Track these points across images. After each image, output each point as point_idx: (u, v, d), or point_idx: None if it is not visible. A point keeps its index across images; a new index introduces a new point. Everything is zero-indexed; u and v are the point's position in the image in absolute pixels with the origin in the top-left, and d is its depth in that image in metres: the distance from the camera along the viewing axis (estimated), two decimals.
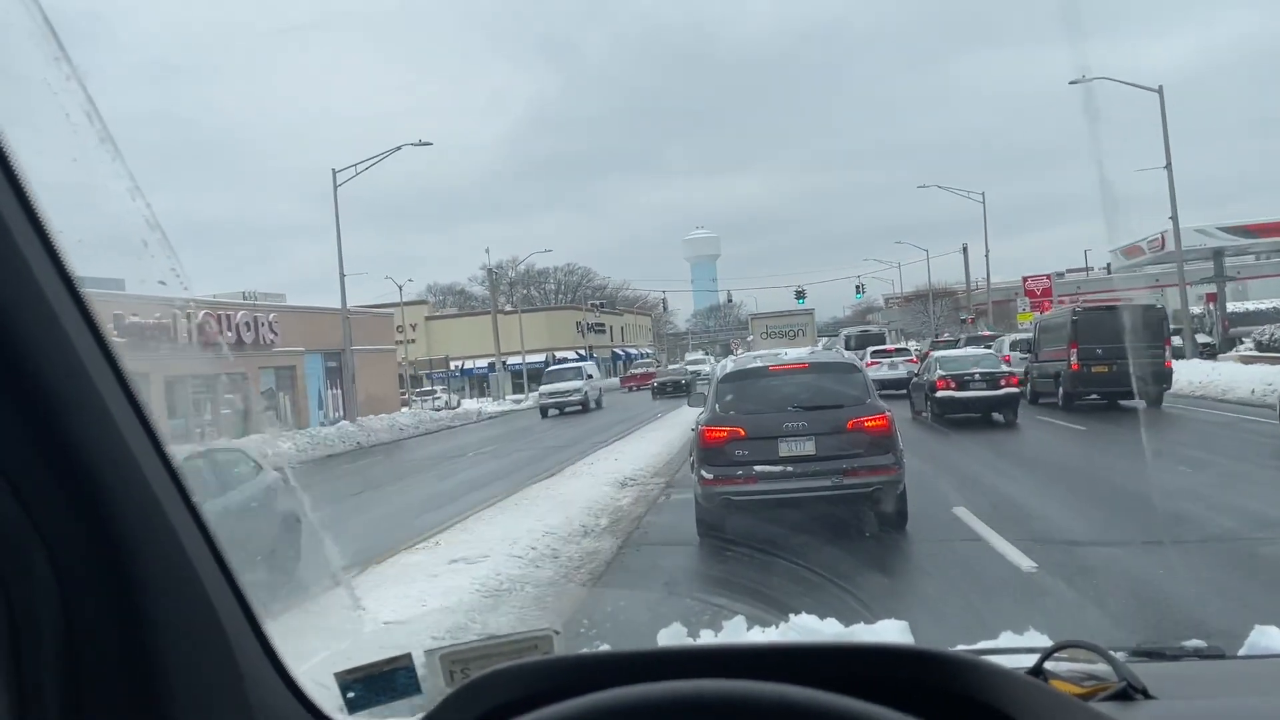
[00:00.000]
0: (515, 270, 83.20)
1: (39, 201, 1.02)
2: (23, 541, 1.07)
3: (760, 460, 9.43)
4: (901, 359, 33.77)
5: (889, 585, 7.89)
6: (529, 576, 8.91)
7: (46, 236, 1.03)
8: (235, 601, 1.25)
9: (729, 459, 9.50)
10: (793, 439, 9.50)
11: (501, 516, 12.31)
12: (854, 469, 9.34)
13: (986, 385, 21.30)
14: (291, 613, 5.34)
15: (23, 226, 0.99)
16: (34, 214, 1.01)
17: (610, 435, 25.71)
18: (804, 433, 9.51)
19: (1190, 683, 1.59)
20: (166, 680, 1.14)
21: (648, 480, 15.47)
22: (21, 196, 1.00)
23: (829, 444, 9.43)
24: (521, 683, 1.16)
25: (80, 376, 1.06)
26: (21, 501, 1.06)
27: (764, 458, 9.43)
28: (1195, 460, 13.89)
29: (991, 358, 23.45)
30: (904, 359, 33.73)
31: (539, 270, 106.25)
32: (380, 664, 1.46)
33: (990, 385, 21.26)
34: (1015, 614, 6.37)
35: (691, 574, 9.10)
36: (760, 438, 9.52)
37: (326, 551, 5.25)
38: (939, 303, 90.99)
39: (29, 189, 1.01)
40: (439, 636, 5.86)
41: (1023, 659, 1.51)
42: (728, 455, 9.52)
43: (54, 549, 1.08)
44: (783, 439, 9.50)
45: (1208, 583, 7.37)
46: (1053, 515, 10.64)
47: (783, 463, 9.42)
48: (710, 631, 3.46)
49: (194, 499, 1.22)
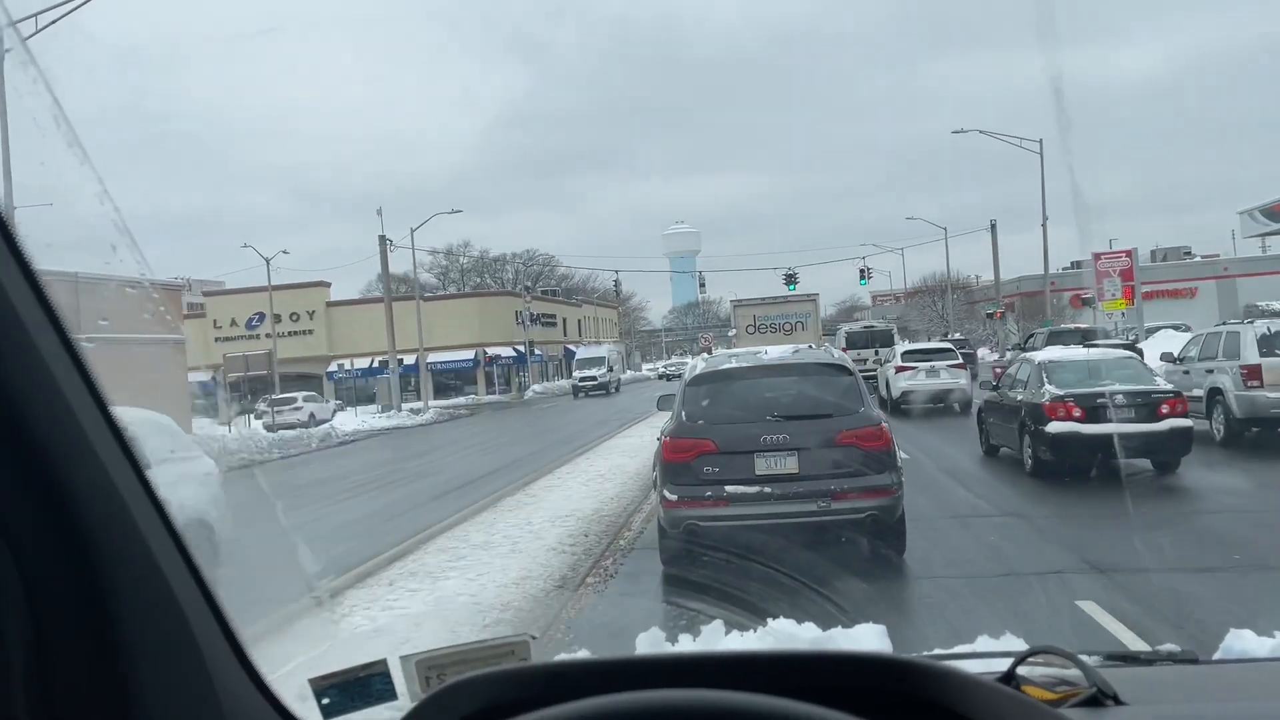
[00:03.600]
0: (439, 254, 69.30)
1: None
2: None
3: (733, 479, 8.29)
4: (945, 363, 25.16)
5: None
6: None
7: (5, 226, 1.03)
8: (208, 609, 1.25)
9: (696, 477, 8.36)
10: (772, 454, 8.31)
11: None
12: (844, 491, 8.15)
13: (1136, 414, 12.69)
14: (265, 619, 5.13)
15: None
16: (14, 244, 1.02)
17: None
18: (785, 447, 8.32)
19: (1162, 688, 1.61)
20: (139, 689, 1.14)
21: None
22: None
23: (815, 461, 8.26)
24: (497, 689, 1.16)
25: (43, 376, 1.05)
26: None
27: (737, 476, 8.28)
28: None
29: (1136, 364, 14.64)
30: (948, 363, 25.20)
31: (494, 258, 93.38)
32: (356, 669, 1.46)
33: (1146, 415, 12.68)
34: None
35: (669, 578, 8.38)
36: (733, 452, 8.36)
37: (300, 559, 5.43)
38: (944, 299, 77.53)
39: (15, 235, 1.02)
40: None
41: (996, 664, 1.52)
42: (695, 473, 8.37)
43: (21, 557, 1.07)
44: (760, 454, 8.32)
45: None
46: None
47: (760, 483, 8.25)
48: (689, 636, 3.53)
49: (163, 504, 1.21)
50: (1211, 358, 15.90)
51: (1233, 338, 15.56)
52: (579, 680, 1.07)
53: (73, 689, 1.10)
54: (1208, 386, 15.65)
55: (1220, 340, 15.89)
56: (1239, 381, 14.83)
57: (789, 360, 9.46)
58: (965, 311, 72.96)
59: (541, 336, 68.27)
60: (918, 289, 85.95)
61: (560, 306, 77.68)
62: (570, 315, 79.99)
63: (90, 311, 14.89)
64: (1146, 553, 8.32)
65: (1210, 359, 15.91)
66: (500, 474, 17.70)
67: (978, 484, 13.20)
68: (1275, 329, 15.14)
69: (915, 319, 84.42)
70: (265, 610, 5.89)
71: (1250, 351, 14.87)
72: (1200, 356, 16.37)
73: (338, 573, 9.29)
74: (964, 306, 73.32)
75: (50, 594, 1.08)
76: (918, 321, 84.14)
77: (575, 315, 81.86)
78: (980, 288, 79.35)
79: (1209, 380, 15.66)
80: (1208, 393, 15.57)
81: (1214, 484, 12.33)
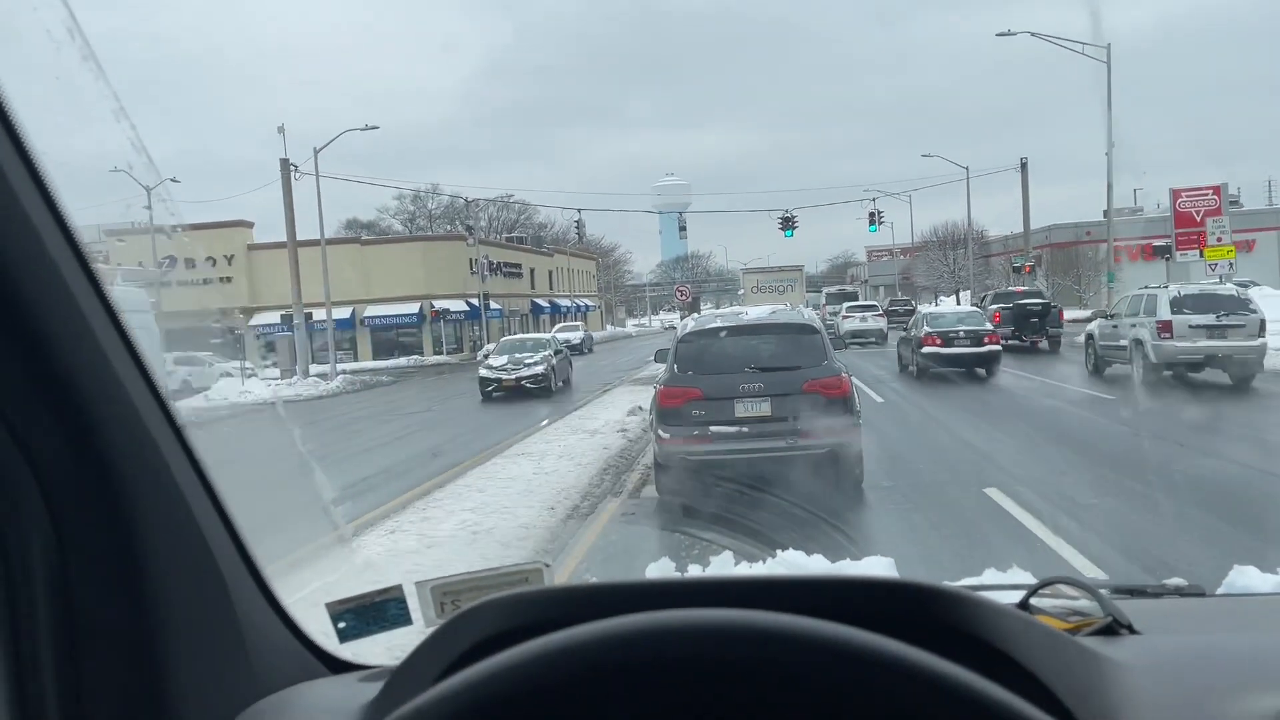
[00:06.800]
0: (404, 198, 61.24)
1: (23, 127, 1.01)
2: (14, 476, 1.09)
3: (716, 421, 9.64)
4: (871, 314, 41.19)
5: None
6: None
7: (35, 169, 1.04)
8: (228, 536, 1.29)
9: (685, 419, 9.72)
10: (749, 400, 9.68)
11: None
12: (809, 430, 9.50)
13: (971, 342, 22.10)
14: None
15: (9, 154, 1.01)
16: (15, 134, 1.01)
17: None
18: (760, 394, 9.70)
19: (1172, 619, 1.63)
20: (159, 612, 1.17)
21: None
22: (9, 126, 1.01)
23: (785, 405, 9.62)
24: (512, 613, 1.16)
25: (70, 309, 1.07)
26: (15, 437, 1.07)
27: (720, 418, 9.64)
28: None
29: (977, 315, 24.64)
30: (873, 314, 41.25)
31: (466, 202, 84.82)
32: (371, 595, 1.46)
33: (974, 342, 22.07)
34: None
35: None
36: (717, 398, 9.70)
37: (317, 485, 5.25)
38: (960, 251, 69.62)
39: (17, 122, 1.01)
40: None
41: (1008, 595, 1.50)
42: (684, 416, 9.74)
43: (46, 484, 1.10)
44: (739, 400, 9.68)
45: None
46: None
47: (738, 423, 9.64)
48: (698, 567, 3.40)
49: (186, 433, 1.24)
50: (1135, 315, 19.34)
51: (1152, 299, 18.94)
52: (593, 604, 1.05)
53: (94, 610, 1.13)
54: (1131, 338, 19.19)
55: (1143, 301, 19.34)
56: (1155, 334, 18.21)
57: (765, 321, 10.99)
58: (980, 266, 64.71)
59: (503, 288, 60.25)
60: (921, 245, 77.62)
61: (527, 255, 69.41)
62: (539, 265, 71.74)
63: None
64: (967, 414, 16.13)
65: (1134, 316, 19.35)
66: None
67: (889, 382, 22.25)
68: (1185, 293, 18.84)
69: (924, 274, 76.31)
70: None
71: (1164, 310, 18.22)
72: (1127, 314, 19.99)
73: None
74: (978, 261, 64.97)
75: (76, 524, 1.11)
76: (925, 277, 76.07)
77: (545, 265, 73.61)
78: (997, 240, 71.31)
79: (1132, 333, 19.14)
80: (1131, 342, 19.15)
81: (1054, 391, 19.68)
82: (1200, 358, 17.53)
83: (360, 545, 8.72)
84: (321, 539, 6.59)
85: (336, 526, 7.46)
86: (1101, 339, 20.60)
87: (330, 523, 7.13)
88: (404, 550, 8.45)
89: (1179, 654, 1.35)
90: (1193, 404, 16.45)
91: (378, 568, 7.46)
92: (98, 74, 1.27)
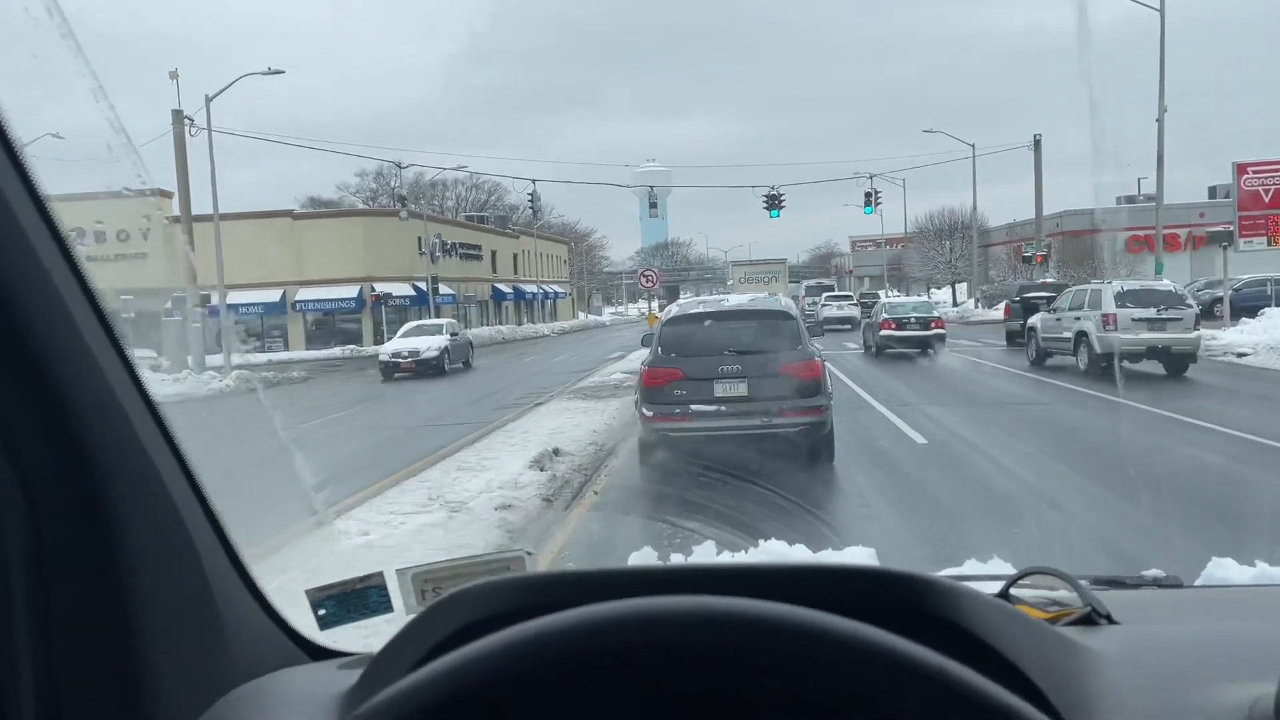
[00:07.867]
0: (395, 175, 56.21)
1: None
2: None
3: (696, 400, 10.21)
4: (847, 303, 49.39)
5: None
6: None
7: (11, 148, 1.03)
8: (206, 520, 1.28)
9: (668, 398, 10.31)
10: (728, 381, 10.24)
11: None
12: (783, 410, 10.09)
13: (920, 326, 26.88)
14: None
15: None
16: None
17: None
18: (738, 375, 10.26)
19: (1150, 609, 1.63)
20: (138, 598, 1.16)
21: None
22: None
23: (761, 386, 10.19)
24: (493, 601, 1.15)
25: (46, 291, 1.06)
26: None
27: (700, 398, 10.21)
28: None
29: (926, 304, 30.24)
30: (849, 303, 49.31)
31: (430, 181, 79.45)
32: (352, 582, 1.46)
33: (923, 327, 26.93)
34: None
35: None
36: (697, 379, 10.29)
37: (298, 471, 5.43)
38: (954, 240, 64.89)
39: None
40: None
41: (988, 585, 1.50)
42: (667, 395, 10.32)
43: (22, 468, 1.09)
44: (718, 380, 10.25)
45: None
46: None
47: (717, 403, 10.21)
48: (680, 555, 3.54)
49: (165, 419, 1.22)
50: (1079, 308, 20.18)
51: (1096, 293, 19.97)
52: (575, 591, 1.04)
53: (71, 595, 1.12)
54: (1075, 330, 20.01)
55: (1086, 295, 20.37)
56: (1099, 326, 19.14)
57: (745, 307, 11.67)
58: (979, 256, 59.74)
59: (459, 271, 54.76)
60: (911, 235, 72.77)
61: (488, 236, 63.95)
62: (502, 247, 66.34)
63: None
64: (917, 390, 18.17)
65: (1078, 309, 20.23)
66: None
67: (853, 361, 25.75)
68: (1128, 288, 19.97)
69: (917, 265, 71.28)
70: None
71: (1109, 304, 19.13)
72: (1070, 307, 20.83)
73: None
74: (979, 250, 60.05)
75: (51, 503, 1.10)
76: (919, 268, 71.02)
77: (510, 248, 68.20)
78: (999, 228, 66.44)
79: (1076, 325, 20.02)
80: (1075, 335, 20.00)
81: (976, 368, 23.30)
82: (1142, 349, 18.58)
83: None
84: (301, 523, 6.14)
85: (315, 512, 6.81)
86: (1044, 331, 21.75)
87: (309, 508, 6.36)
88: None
89: (1157, 644, 1.38)
90: (1080, 378, 18.86)
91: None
92: (76, 52, 1.28)
